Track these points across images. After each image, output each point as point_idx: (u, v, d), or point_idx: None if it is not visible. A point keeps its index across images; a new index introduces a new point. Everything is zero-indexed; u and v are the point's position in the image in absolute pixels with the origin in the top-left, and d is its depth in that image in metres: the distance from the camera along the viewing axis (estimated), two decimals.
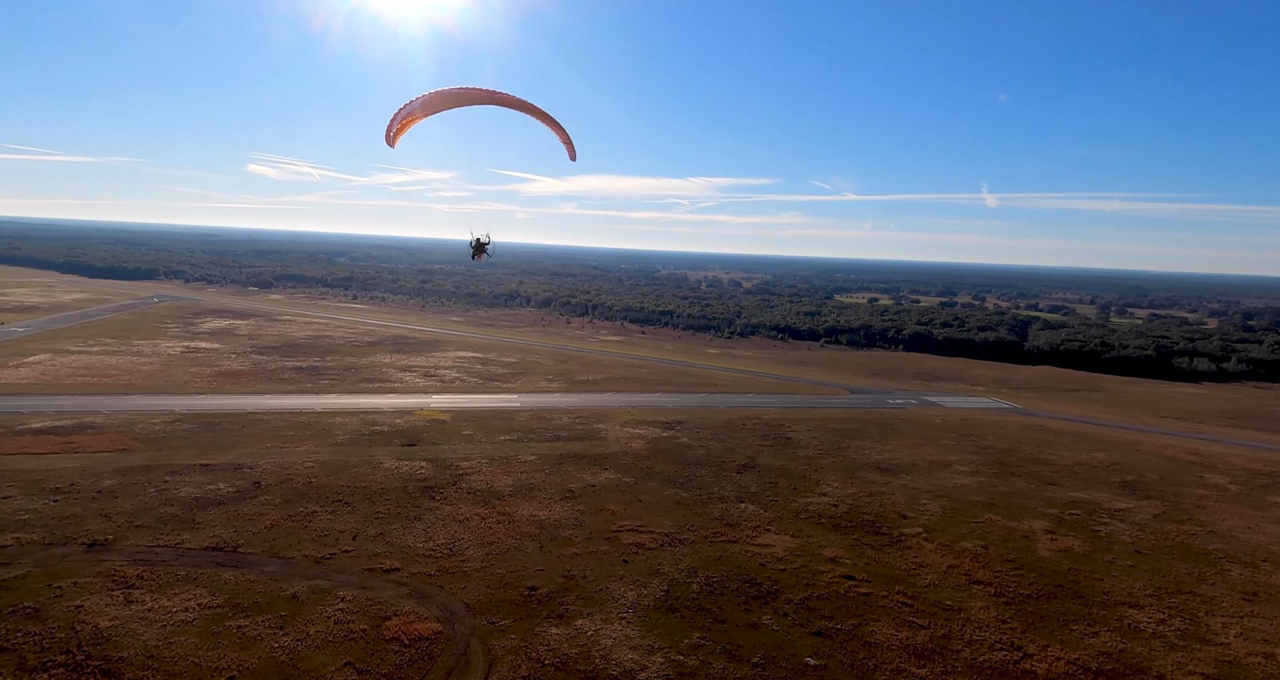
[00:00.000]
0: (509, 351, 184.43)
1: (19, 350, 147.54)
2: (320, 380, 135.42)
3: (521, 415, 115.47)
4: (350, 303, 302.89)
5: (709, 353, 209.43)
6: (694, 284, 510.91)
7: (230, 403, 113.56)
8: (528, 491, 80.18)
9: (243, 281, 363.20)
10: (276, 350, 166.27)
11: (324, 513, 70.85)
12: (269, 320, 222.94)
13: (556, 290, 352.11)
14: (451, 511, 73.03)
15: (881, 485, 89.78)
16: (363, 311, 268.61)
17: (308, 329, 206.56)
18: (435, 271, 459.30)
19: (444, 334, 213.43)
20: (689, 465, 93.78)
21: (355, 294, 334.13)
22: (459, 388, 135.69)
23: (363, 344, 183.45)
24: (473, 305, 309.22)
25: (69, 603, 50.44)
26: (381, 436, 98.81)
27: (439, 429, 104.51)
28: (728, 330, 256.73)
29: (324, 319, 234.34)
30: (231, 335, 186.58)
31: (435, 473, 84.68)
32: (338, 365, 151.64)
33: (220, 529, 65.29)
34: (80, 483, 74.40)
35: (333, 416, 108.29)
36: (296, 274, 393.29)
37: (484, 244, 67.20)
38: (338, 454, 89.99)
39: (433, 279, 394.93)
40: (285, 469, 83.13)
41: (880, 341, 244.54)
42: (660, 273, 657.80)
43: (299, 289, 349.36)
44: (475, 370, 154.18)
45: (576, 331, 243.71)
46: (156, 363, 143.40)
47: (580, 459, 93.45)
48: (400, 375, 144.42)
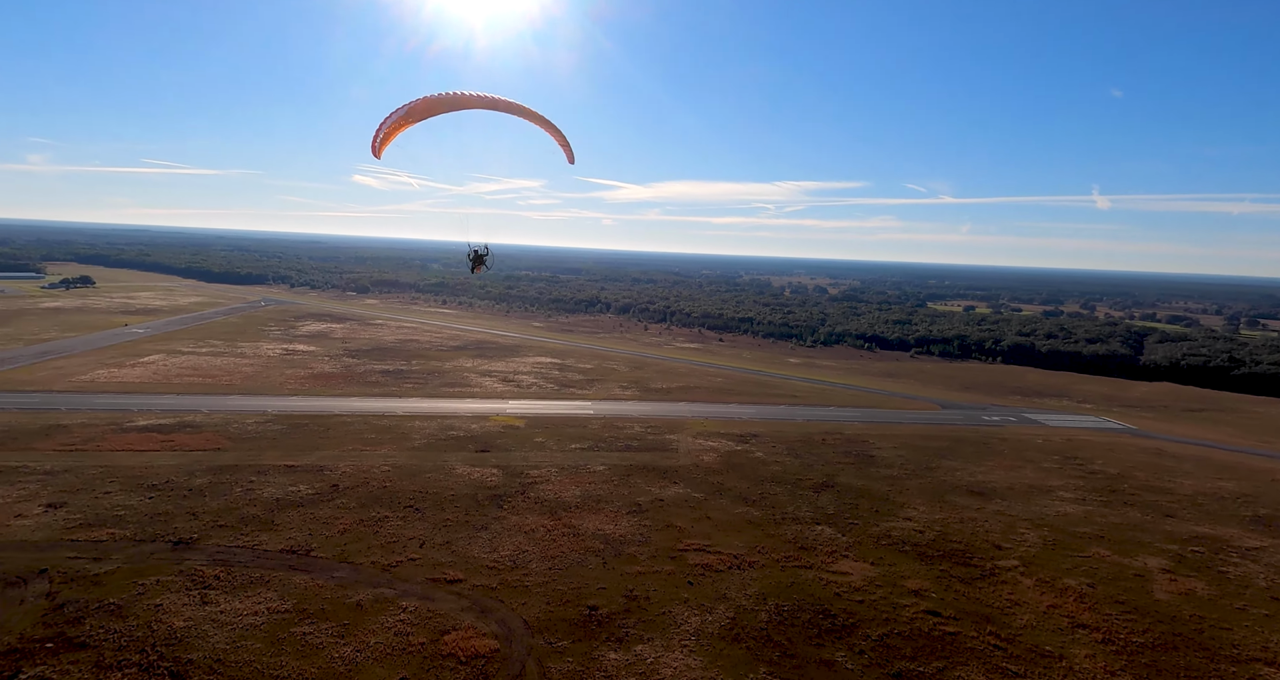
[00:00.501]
0: (586, 357, 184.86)
1: (137, 351, 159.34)
2: (404, 383, 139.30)
3: (594, 423, 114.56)
4: (439, 307, 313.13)
5: (789, 362, 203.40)
6: (777, 290, 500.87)
7: (318, 404, 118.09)
8: (595, 503, 78.72)
9: (342, 286, 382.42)
10: (367, 354, 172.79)
11: (395, 518, 71.66)
12: (363, 324, 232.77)
13: (636, 296, 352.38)
14: (518, 522, 72.39)
15: (973, 511, 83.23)
16: (450, 316, 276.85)
17: (397, 333, 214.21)
18: (521, 277, 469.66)
19: (525, 339, 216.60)
20: (762, 482, 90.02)
21: (445, 299, 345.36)
22: (535, 393, 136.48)
23: (447, 348, 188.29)
24: (554, 311, 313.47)
25: (150, 600, 52.42)
26: (456, 442, 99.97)
27: (512, 435, 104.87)
28: (810, 339, 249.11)
29: (414, 323, 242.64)
30: (327, 338, 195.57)
31: (505, 481, 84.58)
32: (422, 369, 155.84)
33: (296, 532, 66.94)
34: (175, 480, 78.35)
35: (412, 420, 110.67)
36: (392, 279, 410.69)
37: (482, 255, 64.86)
38: (413, 458, 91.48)
39: (518, 285, 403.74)
40: (363, 472, 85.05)
41: (976, 353, 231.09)
42: (742, 278, 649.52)
43: (393, 294, 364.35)
44: (552, 376, 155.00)
45: (653, 338, 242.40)
46: (256, 364, 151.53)
47: (650, 471, 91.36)
48: (480, 380, 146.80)
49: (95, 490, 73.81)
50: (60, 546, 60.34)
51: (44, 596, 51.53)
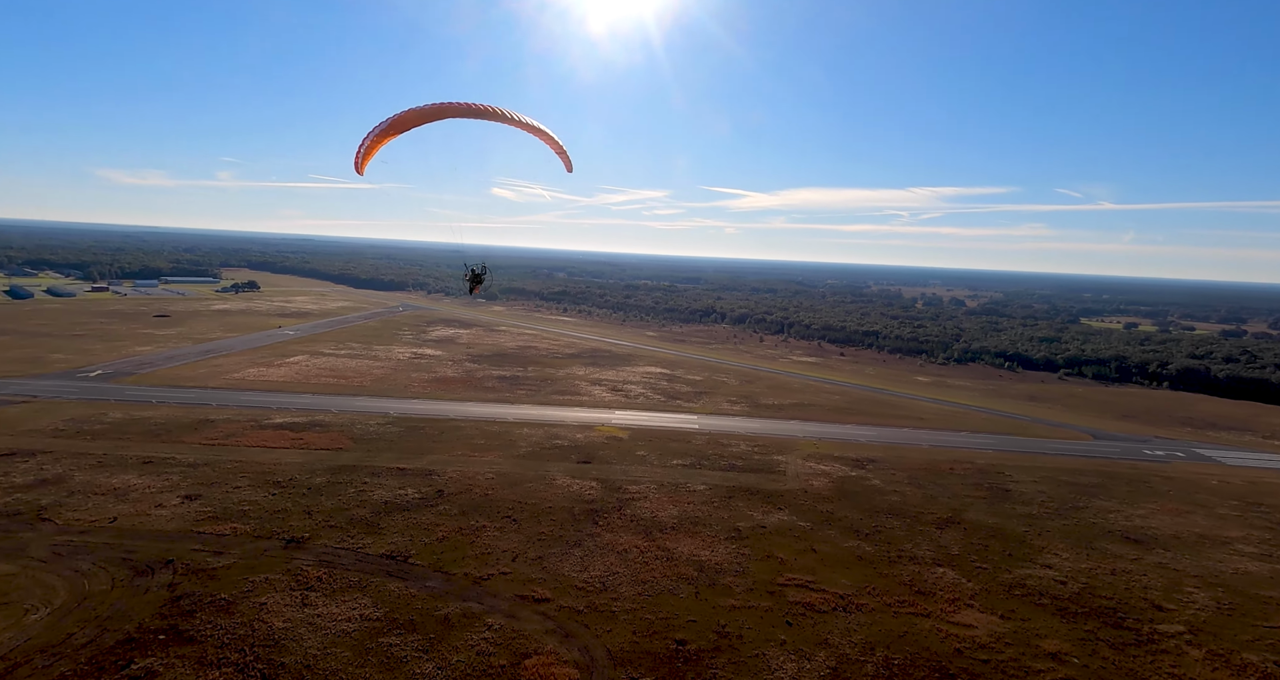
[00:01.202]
0: (696, 369, 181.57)
1: (285, 351, 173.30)
2: (517, 390, 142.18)
3: (698, 439, 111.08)
4: (560, 316, 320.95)
5: (917, 380, 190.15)
6: (907, 302, 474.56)
7: (436, 408, 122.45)
8: (692, 526, 75.31)
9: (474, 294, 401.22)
10: (487, 359, 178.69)
11: (492, 528, 71.72)
12: (487, 330, 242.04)
13: (752, 306, 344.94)
14: (611, 540, 70.35)
15: (1128, 562, 72.31)
16: (569, 324, 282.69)
17: (518, 339, 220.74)
18: (639, 287, 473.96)
19: (637, 348, 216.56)
20: (878, 513, 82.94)
21: (565, 307, 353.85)
22: (641, 404, 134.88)
23: (562, 356, 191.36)
24: (669, 320, 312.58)
25: (256, 598, 54.69)
26: (559, 451, 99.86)
27: (615, 447, 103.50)
28: (942, 355, 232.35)
29: (534, 330, 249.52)
30: (453, 343, 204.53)
31: (603, 495, 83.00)
32: (536, 376, 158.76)
33: (398, 536, 68.37)
34: (297, 478, 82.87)
35: (521, 427, 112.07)
36: (519, 288, 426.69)
37: (480, 275, 61.52)
38: (517, 467, 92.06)
39: (635, 294, 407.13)
40: (468, 478, 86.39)
41: (1137, 377, 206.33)
42: (870, 289, 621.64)
43: (518, 301, 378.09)
44: (660, 387, 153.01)
45: (768, 350, 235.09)
46: (386, 367, 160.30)
47: (753, 494, 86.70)
48: (590, 388, 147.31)
49: (227, 484, 79.30)
50: (188, 538, 64.76)
51: (166, 587, 55.04)
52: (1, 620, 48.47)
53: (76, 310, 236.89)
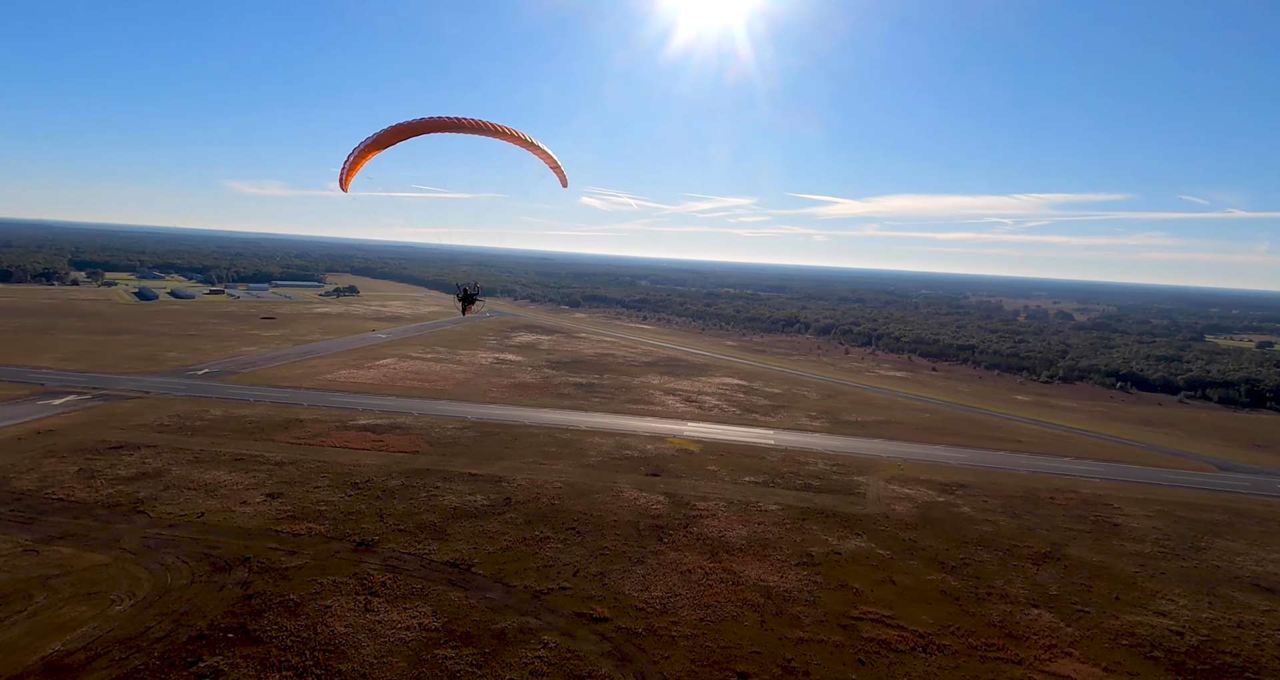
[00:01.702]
0: (775, 381, 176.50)
1: (375, 354, 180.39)
2: (592, 397, 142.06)
3: (773, 455, 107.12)
4: (639, 323, 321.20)
5: (1017, 400, 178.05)
6: (1008, 314, 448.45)
7: (512, 414, 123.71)
8: (761, 548, 71.98)
9: (557, 300, 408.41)
10: (565, 366, 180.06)
11: (555, 540, 70.87)
12: (568, 336, 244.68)
13: (839, 317, 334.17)
14: (675, 559, 68.06)
15: (1258, 613, 63.85)
16: (648, 332, 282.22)
17: (597, 346, 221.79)
18: (721, 295, 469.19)
19: (715, 358, 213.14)
20: (966, 544, 76.96)
21: (646, 315, 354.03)
22: (715, 416, 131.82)
23: (639, 364, 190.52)
24: (749, 330, 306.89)
25: (322, 601, 55.64)
26: (629, 462, 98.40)
27: (685, 460, 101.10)
28: (1045, 373, 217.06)
29: (613, 338, 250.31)
30: (534, 349, 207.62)
31: (670, 510, 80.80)
32: (611, 384, 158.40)
33: (463, 544, 68.52)
34: (374, 481, 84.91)
35: (592, 436, 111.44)
36: (601, 295, 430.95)
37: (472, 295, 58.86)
38: (585, 477, 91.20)
39: (716, 302, 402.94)
40: (536, 487, 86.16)
41: (1272, 402, 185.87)
42: (967, 300, 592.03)
43: (599, 309, 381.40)
44: (736, 399, 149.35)
45: (854, 363, 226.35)
46: (469, 371, 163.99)
47: (829, 517, 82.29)
48: (664, 398, 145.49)
49: (308, 484, 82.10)
50: (267, 536, 67.05)
51: (240, 585, 56.85)
52: (89, 609, 51.12)
53: (194, 311, 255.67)
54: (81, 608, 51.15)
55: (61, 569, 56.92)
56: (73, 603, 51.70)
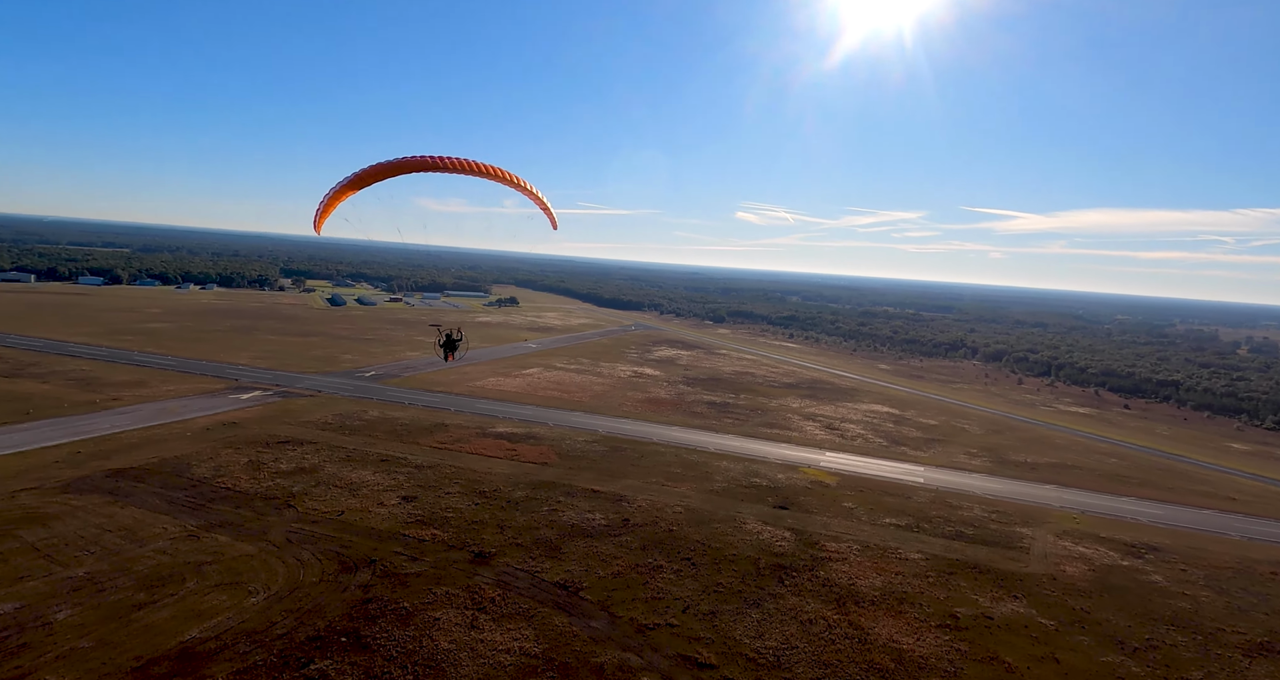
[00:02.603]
0: (931, 411, 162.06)
1: (523, 363, 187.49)
2: (724, 418, 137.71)
3: (921, 495, 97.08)
4: (785, 341, 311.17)
5: (1231, 448, 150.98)
6: (1225, 346, 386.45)
7: (642, 430, 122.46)
8: (897, 603, 64.38)
9: (702, 315, 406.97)
10: (701, 383, 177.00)
11: (669, 570, 67.74)
12: (708, 352, 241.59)
13: (1013, 342, 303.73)
14: (795, 605, 62.46)
15: None
16: (793, 351, 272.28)
17: (736, 364, 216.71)
18: (877, 314, 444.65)
19: (864, 382, 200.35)
20: (1155, 621, 64.42)
21: (793, 333, 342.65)
22: (858, 447, 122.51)
23: (779, 385, 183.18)
24: (907, 353, 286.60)
25: (433, 612, 56.27)
26: (756, 491, 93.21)
27: (819, 494, 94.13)
28: (1272, 418, 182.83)
29: (754, 356, 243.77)
30: (672, 364, 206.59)
31: (795, 548, 74.91)
32: (747, 405, 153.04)
33: (575, 565, 67.27)
34: (501, 490, 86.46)
35: (720, 459, 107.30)
36: (747, 311, 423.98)
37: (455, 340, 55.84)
38: (708, 503, 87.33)
39: (871, 322, 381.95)
40: (656, 509, 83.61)
41: None
42: (1173, 328, 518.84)
43: (744, 325, 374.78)
44: (884, 429, 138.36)
45: (1027, 395, 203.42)
46: (606, 384, 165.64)
47: (982, 573, 72.43)
48: (802, 423, 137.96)
49: (441, 489, 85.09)
50: (395, 539, 69.67)
51: (361, 588, 59.00)
52: (228, 599, 55.01)
53: (373, 317, 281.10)
54: (222, 597, 55.19)
55: (214, 556, 62.15)
56: (216, 591, 55.94)
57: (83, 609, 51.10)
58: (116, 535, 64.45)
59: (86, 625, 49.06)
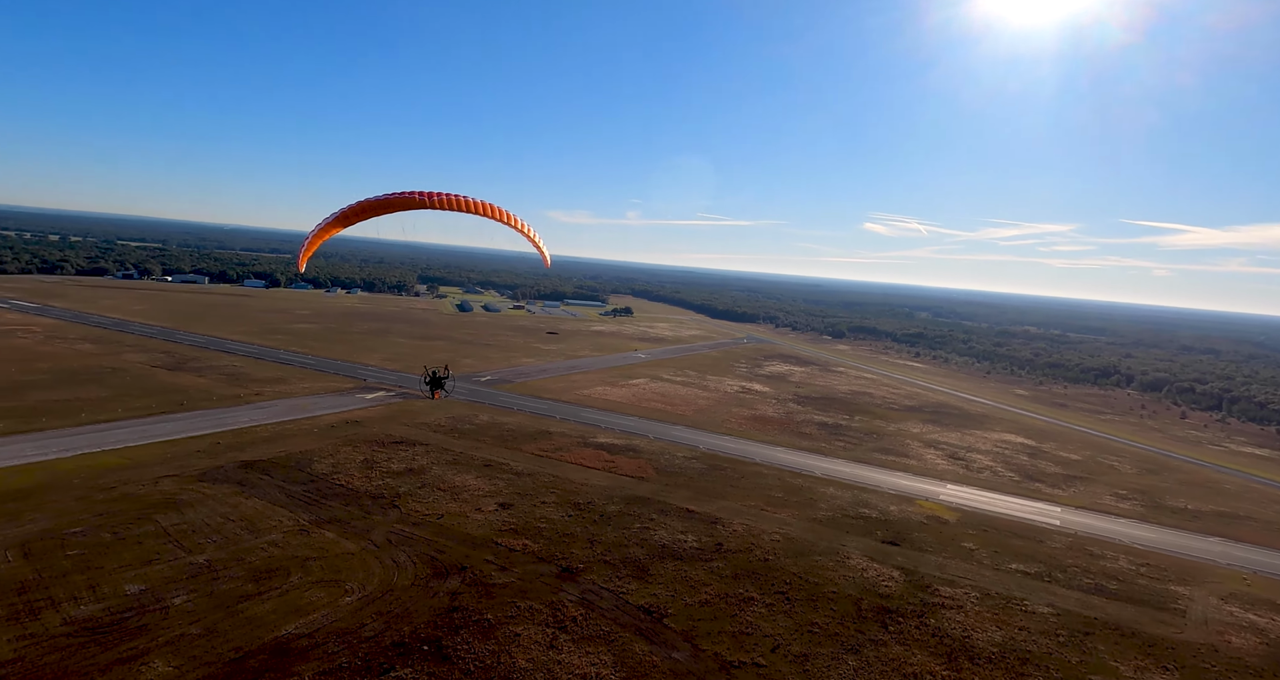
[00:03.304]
0: (1074, 444, 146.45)
1: (631, 373, 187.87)
2: (835, 441, 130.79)
3: (1055, 539, 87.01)
4: (909, 360, 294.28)
5: None
6: None
7: (744, 448, 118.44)
8: (1018, 663, 57.26)
9: (820, 329, 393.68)
10: (812, 402, 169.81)
11: (760, 603, 64.01)
12: (823, 369, 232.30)
13: (1176, 370, 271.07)
14: (899, 655, 56.95)
15: None
16: (917, 371, 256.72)
17: (853, 383, 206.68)
18: (1017, 334, 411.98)
19: (996, 409, 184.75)
20: None
21: (919, 352, 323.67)
22: (985, 481, 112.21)
23: (899, 407, 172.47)
24: (1048, 378, 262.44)
25: (514, 627, 55.82)
26: (863, 523, 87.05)
27: (935, 531, 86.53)
28: None
29: (873, 375, 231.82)
30: (783, 381, 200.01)
31: (903, 590, 68.82)
32: (861, 427, 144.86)
33: (662, 589, 65.03)
34: (595, 503, 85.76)
35: (826, 485, 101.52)
36: (870, 326, 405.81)
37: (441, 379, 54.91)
38: (809, 532, 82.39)
39: (1009, 343, 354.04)
40: (753, 535, 79.82)
41: None
42: None
43: (865, 341, 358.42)
44: (1017, 462, 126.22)
45: (1192, 431, 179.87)
46: (711, 399, 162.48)
47: (1125, 636, 63.29)
48: (922, 451, 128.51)
49: (537, 498, 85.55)
50: (487, 547, 70.35)
51: (449, 595, 59.66)
52: (326, 596, 57.18)
53: (495, 324, 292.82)
54: (321, 593, 57.47)
55: (320, 552, 65.14)
56: (316, 588, 58.37)
57: (197, 596, 54.75)
58: (238, 525, 69.15)
59: (198, 612, 52.42)
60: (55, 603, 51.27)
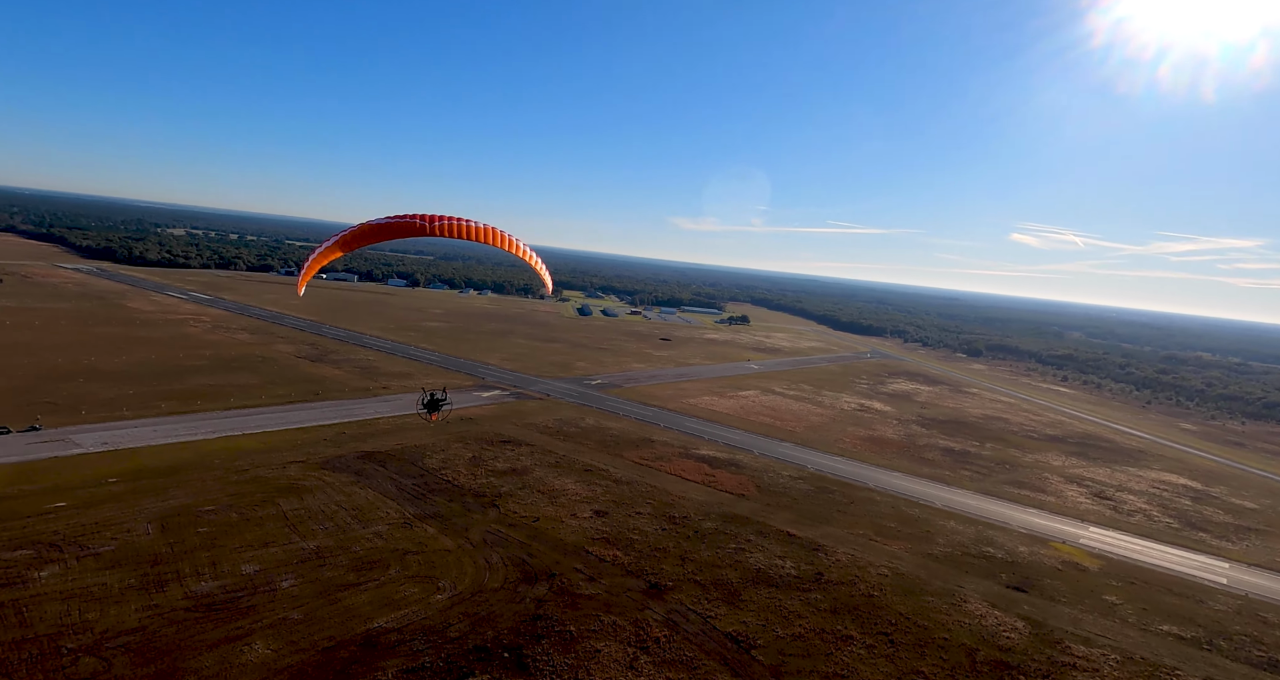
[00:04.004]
0: (1250, 490, 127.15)
1: (741, 384, 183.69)
2: (961, 469, 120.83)
3: (1220, 600, 75.13)
4: (1055, 385, 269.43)
5: None
6: None
7: (856, 471, 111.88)
8: None
9: (954, 347, 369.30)
10: (938, 425, 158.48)
11: (859, 643, 59.31)
12: (953, 390, 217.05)
13: None
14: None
15: None
16: (1064, 396, 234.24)
17: (987, 407, 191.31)
18: (1187, 359, 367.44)
19: (1156, 444, 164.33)
20: None
21: (1067, 375, 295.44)
22: (1136, 526, 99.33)
23: (1038, 436, 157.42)
24: (1223, 411, 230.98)
25: (595, 643, 54.70)
26: (986, 563, 79.16)
27: (1071, 579, 77.21)
28: None
29: (1011, 399, 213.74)
30: (907, 400, 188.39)
31: (1027, 644, 61.52)
32: (992, 457, 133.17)
33: (752, 617, 61.81)
34: (690, 518, 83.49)
35: (946, 518, 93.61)
36: (1010, 345, 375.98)
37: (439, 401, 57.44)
38: (922, 569, 75.91)
39: (1177, 369, 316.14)
40: (858, 567, 74.60)
41: None
42: None
43: (1005, 362, 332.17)
44: (1177, 507, 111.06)
45: None
46: (825, 416, 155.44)
47: None
48: (1063, 487, 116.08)
49: (632, 508, 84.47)
50: (578, 555, 69.94)
51: (535, 602, 59.51)
52: (419, 592, 58.67)
53: (611, 328, 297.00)
54: (414, 589, 59.07)
55: (419, 547, 67.23)
56: (411, 582, 60.08)
57: (303, 581, 57.81)
58: (349, 514, 72.86)
59: (301, 598, 55.26)
60: (180, 577, 55.80)
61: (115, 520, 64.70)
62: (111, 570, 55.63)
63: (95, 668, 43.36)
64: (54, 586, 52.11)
